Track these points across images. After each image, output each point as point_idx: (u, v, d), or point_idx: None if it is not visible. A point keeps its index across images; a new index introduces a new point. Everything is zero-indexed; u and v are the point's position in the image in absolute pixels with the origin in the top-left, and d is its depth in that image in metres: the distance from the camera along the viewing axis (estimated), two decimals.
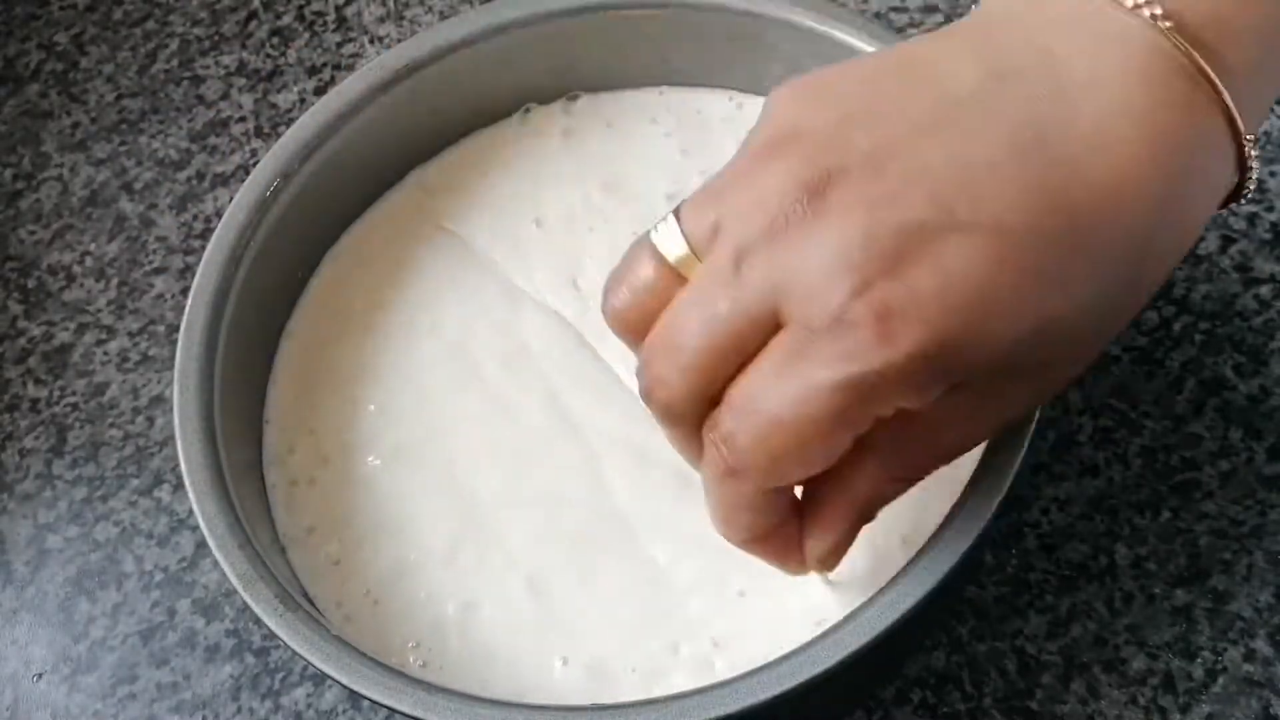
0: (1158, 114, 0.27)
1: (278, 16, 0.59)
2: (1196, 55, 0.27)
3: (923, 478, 0.30)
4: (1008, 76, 0.27)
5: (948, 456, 0.30)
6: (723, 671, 0.35)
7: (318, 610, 0.37)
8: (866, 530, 0.31)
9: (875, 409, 0.27)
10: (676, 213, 0.29)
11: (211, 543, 0.35)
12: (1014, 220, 0.26)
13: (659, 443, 0.32)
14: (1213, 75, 0.27)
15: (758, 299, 0.27)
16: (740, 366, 0.27)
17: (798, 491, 0.31)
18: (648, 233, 0.29)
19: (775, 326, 0.27)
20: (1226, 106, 0.27)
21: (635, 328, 0.29)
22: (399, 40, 0.55)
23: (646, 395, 0.29)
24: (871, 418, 0.27)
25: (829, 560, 0.31)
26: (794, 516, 0.30)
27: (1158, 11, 0.27)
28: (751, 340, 0.27)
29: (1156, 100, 0.27)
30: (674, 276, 0.28)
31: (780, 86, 0.29)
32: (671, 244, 0.28)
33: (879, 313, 0.25)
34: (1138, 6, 0.27)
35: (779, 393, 0.26)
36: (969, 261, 0.26)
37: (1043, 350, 0.27)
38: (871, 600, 0.32)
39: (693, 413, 0.28)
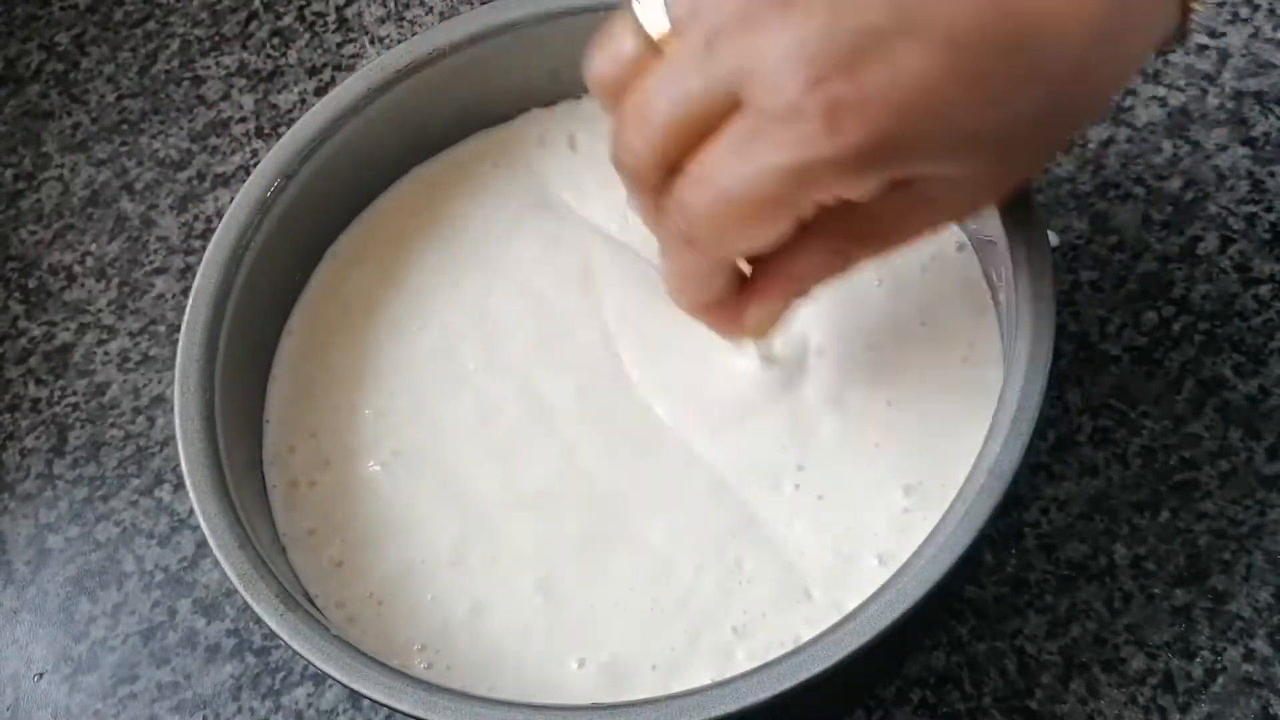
0: None
1: (278, 17, 0.59)
2: None
3: (857, 263, 0.33)
4: None
5: (886, 248, 0.33)
6: (744, 662, 0.35)
7: (319, 610, 0.37)
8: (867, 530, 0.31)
9: (817, 195, 0.30)
10: None
11: (212, 542, 0.35)
12: (964, 31, 0.28)
13: (627, 417, 0.38)
14: None
15: (723, 79, 0.29)
16: (702, 140, 0.30)
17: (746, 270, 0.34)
18: (631, 2, 0.31)
19: (737, 107, 0.29)
20: None
21: (612, 93, 0.32)
22: (399, 40, 0.55)
23: (616, 160, 0.32)
24: (813, 203, 0.30)
25: (763, 327, 0.35)
26: (737, 290, 0.34)
27: None
28: (714, 118, 0.30)
29: None
30: (652, 50, 0.31)
31: None
32: (654, 20, 0.31)
33: (829, 106, 0.28)
34: None
35: (732, 170, 0.29)
36: (918, 67, 0.28)
37: (977, 159, 0.30)
38: (871, 600, 0.32)
39: (655, 180, 0.31)
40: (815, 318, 0.39)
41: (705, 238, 0.31)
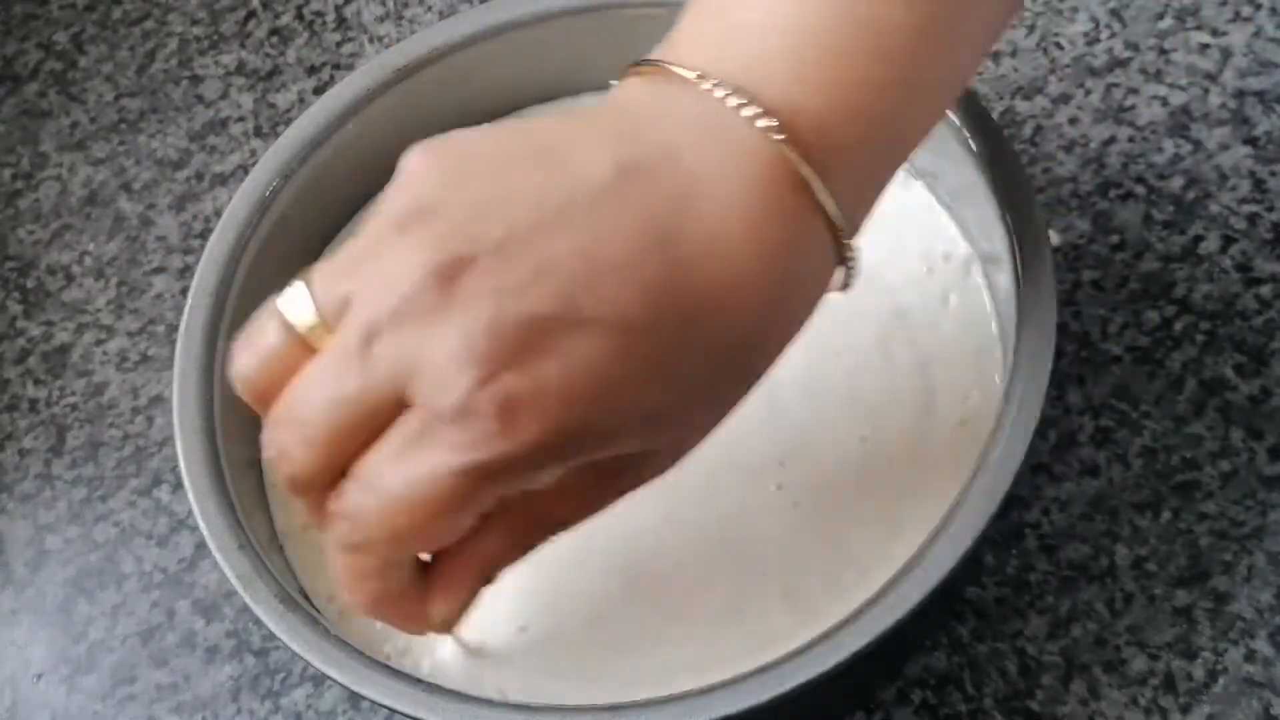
0: (769, 222, 0.28)
1: (277, 16, 0.58)
2: (804, 168, 0.28)
3: (543, 541, 0.32)
4: (639, 173, 0.28)
5: (568, 524, 0.31)
6: (713, 663, 0.35)
7: (313, 606, 0.36)
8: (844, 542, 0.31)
9: (497, 491, 0.28)
10: (306, 279, 0.29)
11: (211, 543, 0.35)
12: (635, 317, 0.27)
13: None
14: (816, 188, 0.28)
15: (385, 379, 0.27)
16: (367, 442, 0.28)
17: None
18: (275, 296, 0.29)
19: (401, 405, 0.27)
20: (828, 216, 0.29)
21: (261, 395, 0.29)
22: (399, 40, 0.55)
23: (271, 465, 0.29)
24: (494, 498, 0.28)
25: (451, 621, 0.32)
26: (418, 580, 0.31)
27: (773, 124, 0.28)
28: (378, 418, 0.28)
29: (769, 209, 0.28)
30: (302, 345, 0.28)
31: (416, 147, 0.29)
32: (300, 312, 0.28)
33: (502, 404, 0.26)
34: (755, 116, 0.28)
35: (403, 474, 0.27)
36: (591, 355, 0.27)
37: (655, 435, 0.29)
38: (872, 601, 0.32)
39: (318, 485, 0.29)
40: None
41: (379, 543, 0.28)
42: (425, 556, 0.31)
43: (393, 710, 0.33)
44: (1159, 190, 0.46)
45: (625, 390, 0.27)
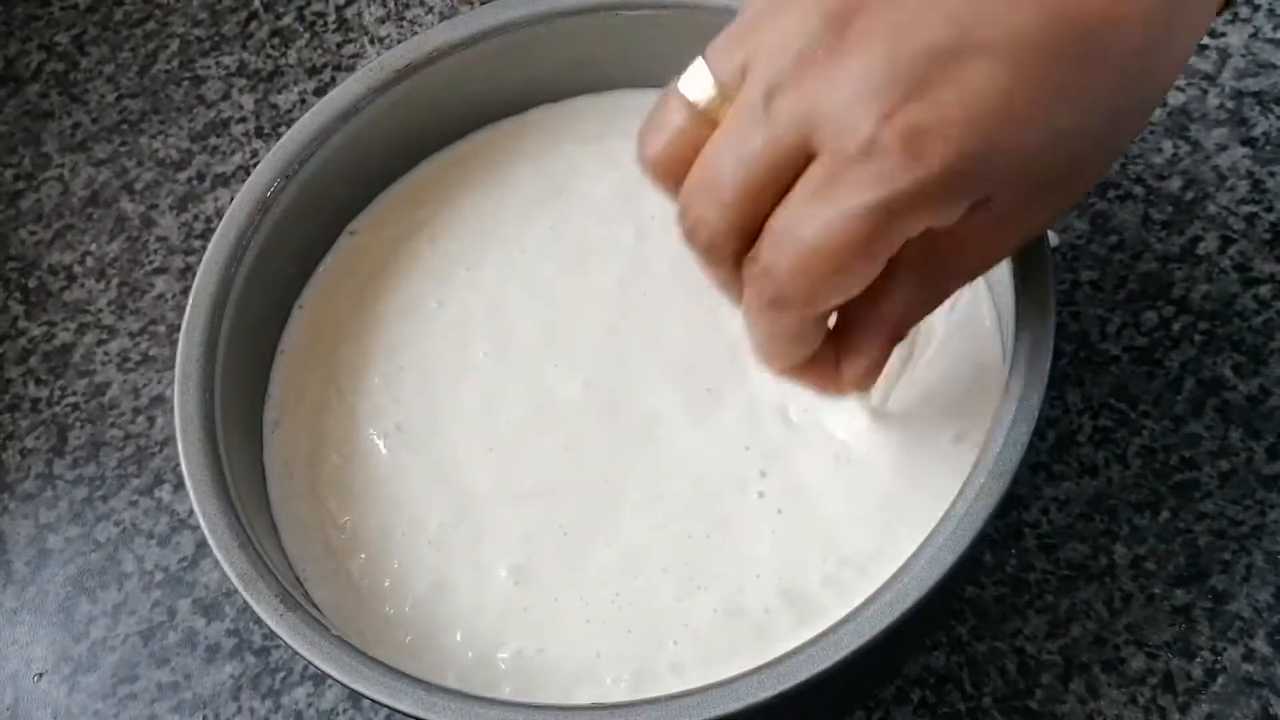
0: None
1: (278, 17, 0.59)
2: None
3: (948, 296, 0.32)
4: None
5: (971, 274, 0.32)
6: (691, 669, 0.35)
7: (311, 603, 0.37)
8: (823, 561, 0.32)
9: (906, 229, 0.28)
10: (704, 57, 0.30)
11: (212, 542, 0.35)
12: (1028, 36, 0.27)
13: (630, 410, 0.38)
14: None
15: (790, 132, 0.28)
16: (776, 200, 0.29)
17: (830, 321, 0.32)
18: (675, 80, 0.30)
19: (808, 158, 0.28)
20: None
21: (671, 173, 0.30)
22: (399, 40, 0.55)
23: (689, 237, 0.30)
24: (903, 238, 0.28)
25: (865, 380, 0.33)
26: (830, 342, 0.32)
27: None
28: (786, 173, 0.28)
29: None
30: (705, 120, 0.29)
31: None
32: (700, 88, 0.29)
33: (906, 134, 0.27)
34: None
35: (814, 221, 0.28)
36: (988, 78, 0.27)
37: (1058, 161, 0.29)
38: (871, 599, 0.32)
39: (733, 249, 0.30)
40: None
41: (795, 296, 0.29)
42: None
43: (393, 710, 0.33)
44: (1157, 191, 0.47)
45: (1023, 110, 0.27)
